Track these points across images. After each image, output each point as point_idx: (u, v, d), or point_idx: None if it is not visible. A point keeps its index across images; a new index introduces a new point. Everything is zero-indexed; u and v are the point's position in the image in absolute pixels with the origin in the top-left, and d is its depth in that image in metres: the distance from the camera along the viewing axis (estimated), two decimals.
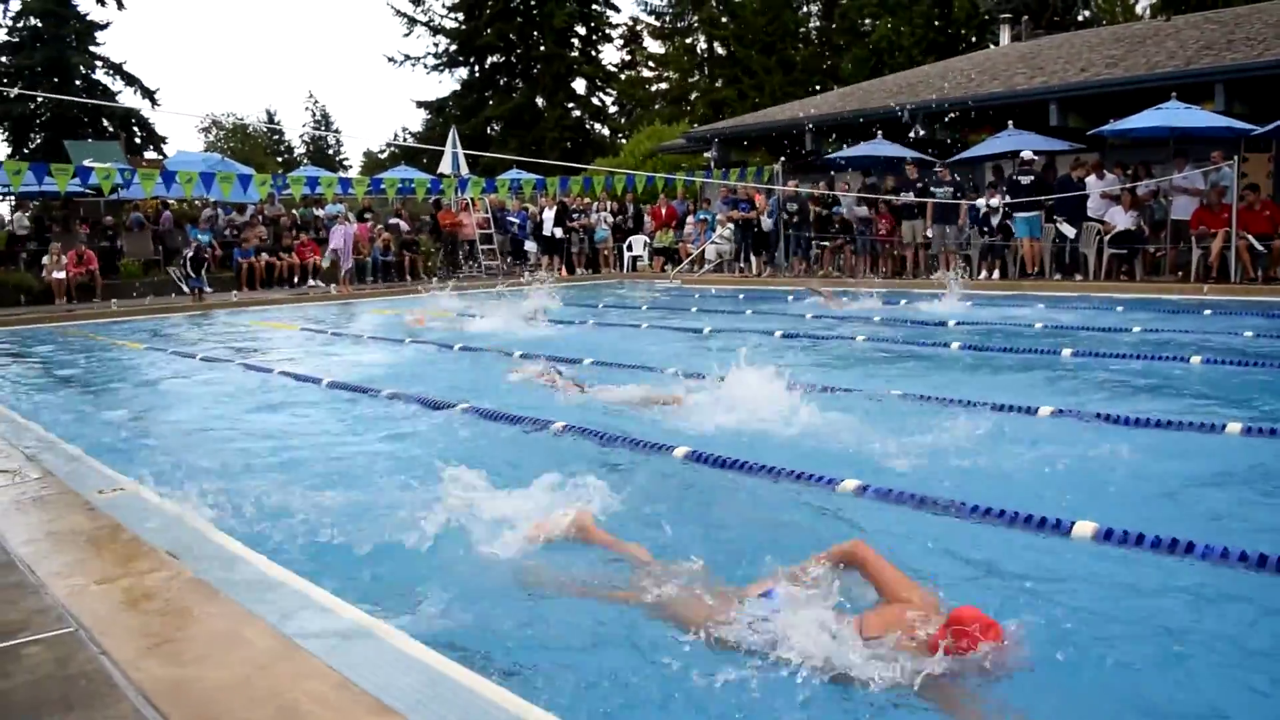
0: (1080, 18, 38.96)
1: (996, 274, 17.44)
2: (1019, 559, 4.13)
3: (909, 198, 18.28)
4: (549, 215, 23.82)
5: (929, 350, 10.30)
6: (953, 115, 20.32)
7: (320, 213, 25.09)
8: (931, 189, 17.99)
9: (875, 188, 19.62)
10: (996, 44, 30.82)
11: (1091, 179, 16.68)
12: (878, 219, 19.33)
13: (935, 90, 22.13)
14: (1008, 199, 16.96)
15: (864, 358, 10.06)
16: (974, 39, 36.92)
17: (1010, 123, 18.62)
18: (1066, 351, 9.27)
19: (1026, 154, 17.01)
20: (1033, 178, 16.78)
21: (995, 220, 17.22)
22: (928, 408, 7.02)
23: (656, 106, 49.90)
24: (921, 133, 20.47)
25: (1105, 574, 3.92)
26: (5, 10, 40.70)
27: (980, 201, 17.25)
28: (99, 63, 42.17)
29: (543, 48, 48.04)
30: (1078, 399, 7.03)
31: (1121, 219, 16.14)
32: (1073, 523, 4.28)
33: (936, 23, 38.43)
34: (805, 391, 6.88)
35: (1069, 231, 16.54)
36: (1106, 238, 16.24)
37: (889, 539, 4.38)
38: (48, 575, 3.59)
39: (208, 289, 20.04)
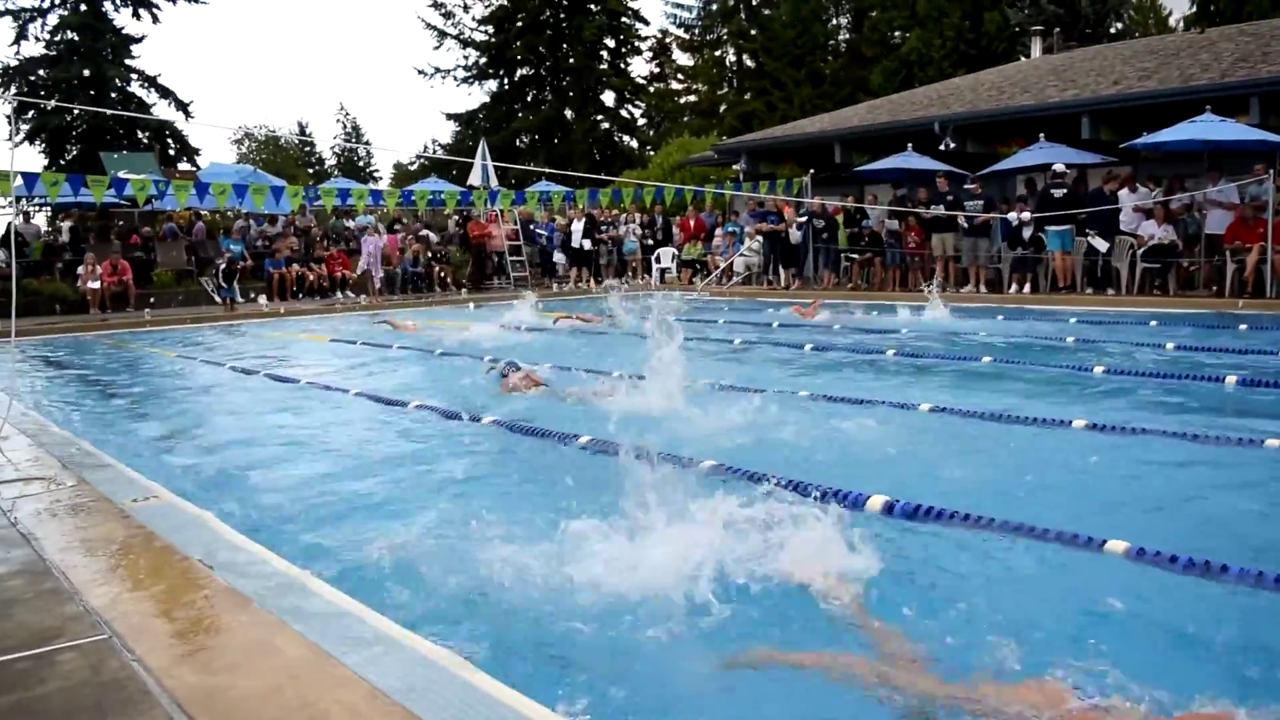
0: (1113, 30, 38.74)
1: (1027, 288, 17.32)
2: (1051, 574, 4.09)
3: (939, 211, 18.20)
4: (578, 227, 23.91)
5: (961, 365, 10.22)
6: (983, 128, 20.26)
7: (350, 224, 25.30)
8: (962, 202, 17.91)
9: (905, 200, 19.55)
10: (1028, 56, 30.69)
11: (1124, 192, 16.55)
12: (907, 232, 19.26)
13: (966, 103, 22.05)
14: (1035, 212, 16.86)
15: (895, 370, 9.99)
16: (1004, 51, 36.73)
17: (1041, 135, 18.51)
18: (1099, 369, 9.17)
19: (1058, 166, 16.89)
20: (1065, 190, 16.66)
21: (1027, 234, 17.11)
22: (957, 422, 6.98)
23: (685, 119, 50.02)
24: (952, 145, 20.38)
25: (1140, 591, 3.88)
26: (42, 24, 41.38)
27: (1011, 215, 17.14)
28: (134, 75, 42.70)
29: (572, 60, 48.26)
30: (1110, 414, 6.95)
31: (1155, 232, 16.01)
32: (1104, 541, 4.24)
33: (968, 35, 38.29)
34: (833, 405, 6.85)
35: (1101, 245, 16.40)
36: (1139, 251, 16.10)
37: (918, 558, 4.36)
38: (82, 582, 3.62)
39: (239, 299, 20.25)
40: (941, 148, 20.41)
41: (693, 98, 51.53)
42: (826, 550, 3.97)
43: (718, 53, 50.22)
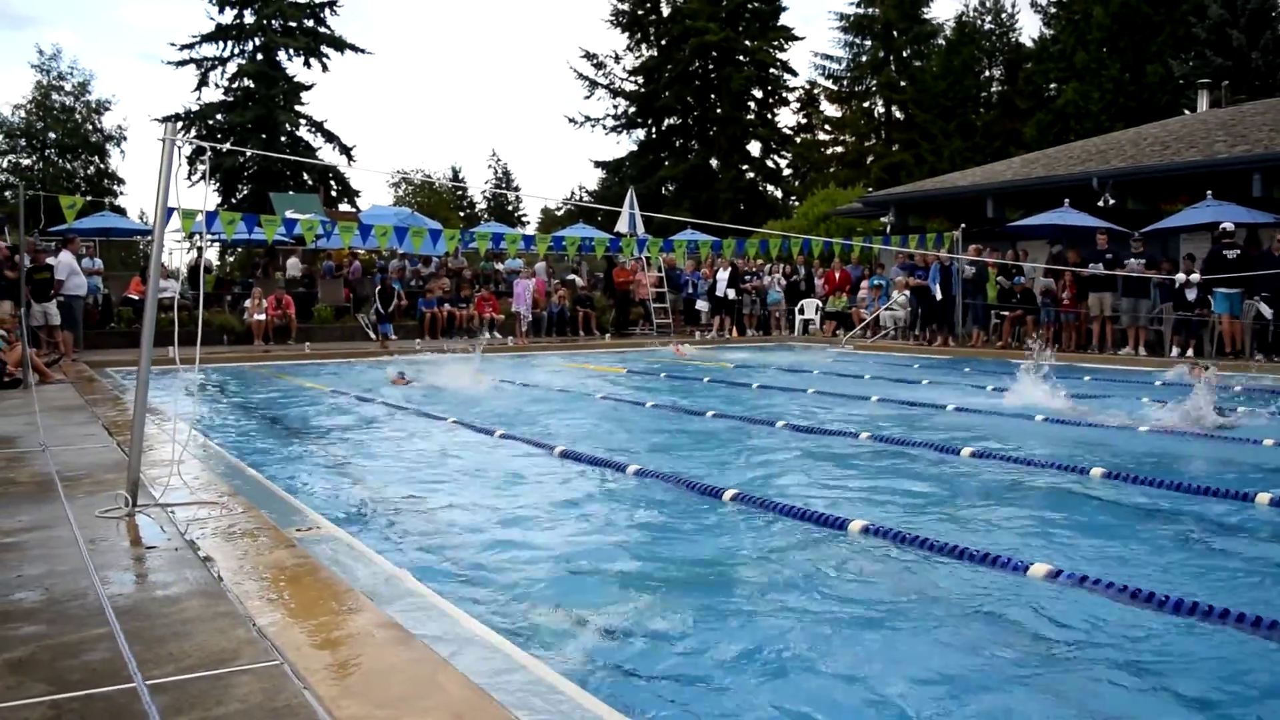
0: None
1: (1190, 351, 16.56)
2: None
3: (1097, 269, 17.61)
4: (723, 276, 23.99)
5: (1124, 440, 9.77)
6: (1146, 184, 19.57)
7: (500, 267, 25.95)
8: (1123, 260, 17.29)
9: (1061, 257, 18.97)
10: (1193, 110, 29.57)
11: None
12: (1060, 290, 18.68)
13: (1127, 157, 21.38)
14: (1205, 273, 16.12)
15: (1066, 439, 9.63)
16: (1168, 104, 35.47)
17: (1209, 193, 17.77)
18: (1269, 441, 8.65)
19: (1228, 225, 16.15)
20: (1239, 251, 15.88)
21: (1192, 295, 16.38)
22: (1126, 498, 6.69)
23: (831, 169, 49.82)
24: (1112, 201, 19.74)
25: None
26: (222, 72, 44.08)
27: (1179, 276, 16.44)
28: (303, 121, 45.03)
29: (719, 110, 48.76)
30: None
31: None
32: None
33: (1128, 88, 37.15)
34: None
35: (1267, 312, 15.59)
36: None
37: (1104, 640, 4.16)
38: (254, 608, 3.76)
39: (393, 336, 20.93)
40: (1100, 203, 19.80)
41: (839, 149, 51.34)
42: None
43: (866, 104, 49.99)
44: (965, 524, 5.88)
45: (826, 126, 52.28)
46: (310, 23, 44.65)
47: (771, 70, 49.88)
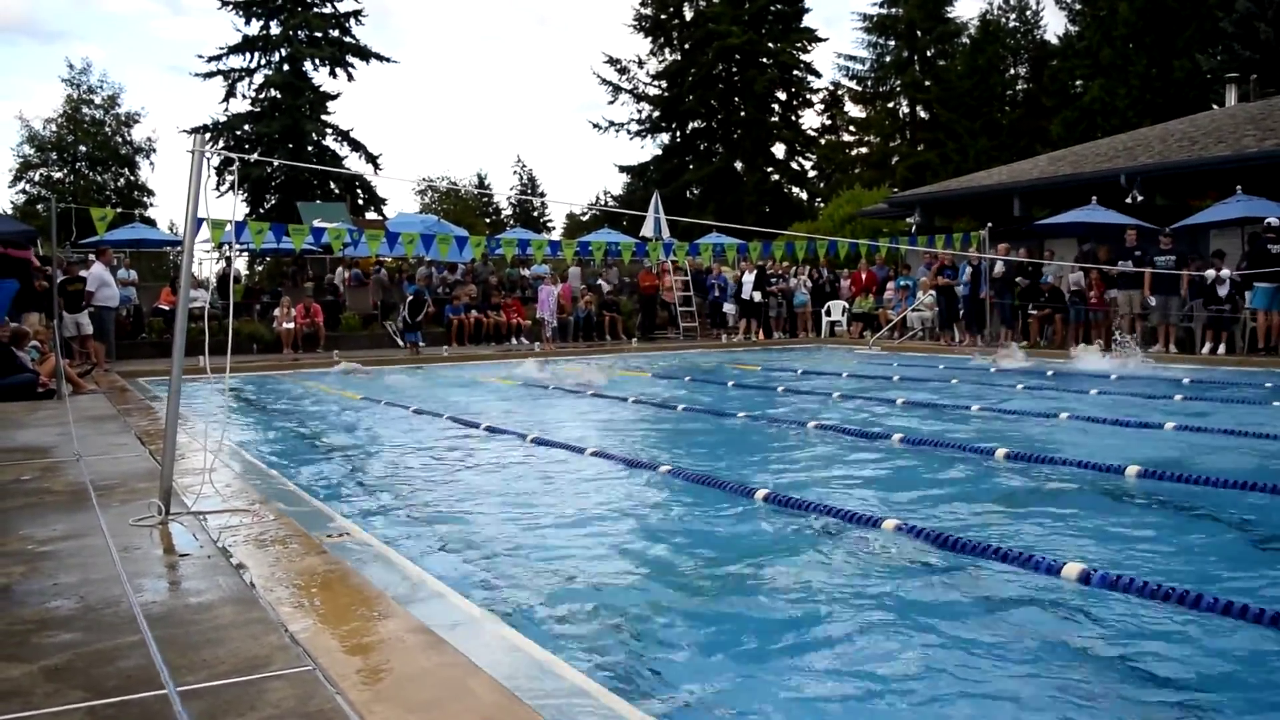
0: None
1: (1222, 348, 16.37)
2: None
3: (1127, 266, 17.45)
4: (749, 279, 23.95)
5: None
6: (1174, 180, 19.38)
7: (526, 273, 26.02)
8: (1153, 258, 17.12)
9: (1090, 255, 18.80)
10: (1221, 105, 29.26)
11: None
12: (1088, 288, 18.52)
13: (1155, 154, 21.18)
14: (1230, 270, 15.91)
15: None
16: (1195, 99, 35.10)
17: (1239, 188, 17.57)
18: None
19: (1272, 220, 15.95)
20: None
21: (1224, 291, 16.20)
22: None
23: (856, 170, 49.66)
24: (1140, 198, 19.57)
25: None
26: (249, 83, 44.46)
27: (1209, 272, 16.26)
28: (329, 130, 45.28)
29: (743, 113, 48.69)
30: None
31: None
32: None
33: (1155, 83, 36.81)
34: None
35: None
36: None
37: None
38: (286, 614, 3.78)
39: (422, 344, 21.03)
40: (1128, 200, 19.63)
41: (864, 150, 51.20)
42: None
43: (890, 104, 49.82)
44: None
45: (851, 127, 52.16)
46: (336, 33, 44.87)
47: (795, 72, 49.80)
